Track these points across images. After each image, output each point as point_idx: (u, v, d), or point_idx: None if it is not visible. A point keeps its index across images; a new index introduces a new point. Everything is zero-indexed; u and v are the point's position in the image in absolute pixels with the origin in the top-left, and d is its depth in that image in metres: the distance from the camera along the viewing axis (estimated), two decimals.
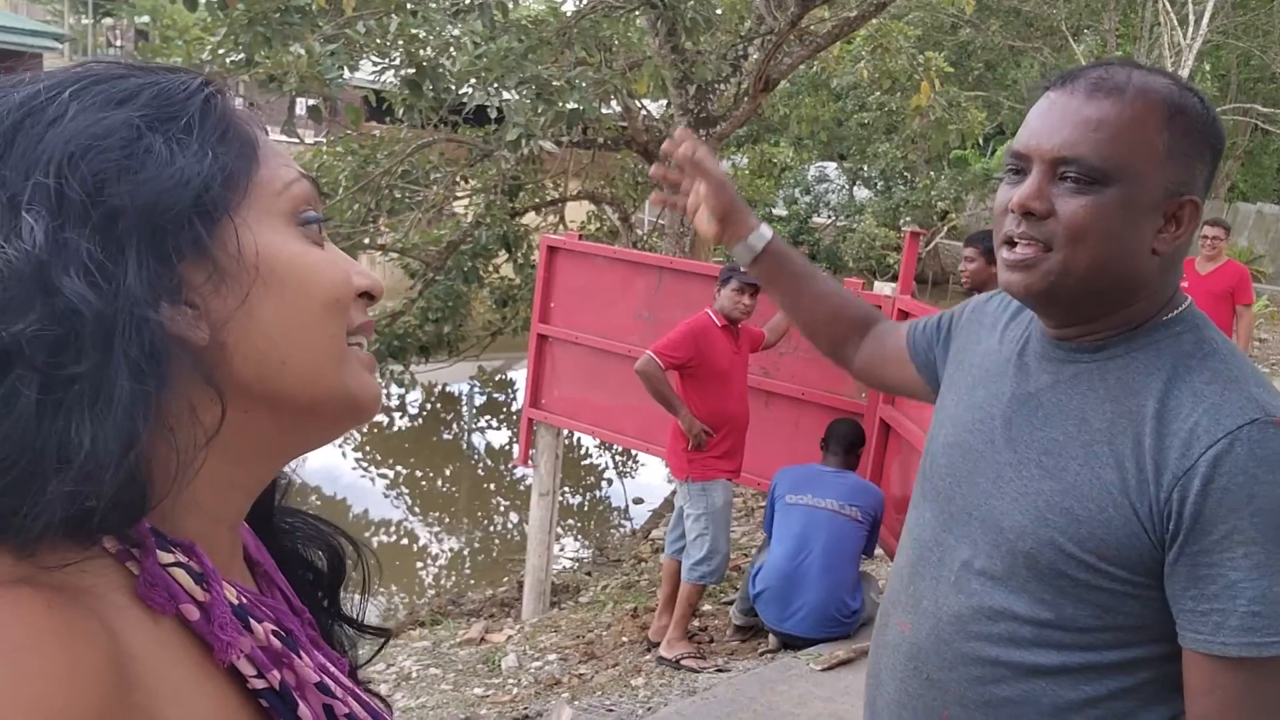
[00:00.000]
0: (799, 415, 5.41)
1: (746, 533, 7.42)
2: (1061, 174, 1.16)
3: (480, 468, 11.85)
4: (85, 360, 0.54)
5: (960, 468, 1.33)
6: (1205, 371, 1.16)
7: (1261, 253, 20.01)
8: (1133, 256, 1.18)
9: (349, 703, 0.68)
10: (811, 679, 4.10)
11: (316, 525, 0.84)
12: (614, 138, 9.50)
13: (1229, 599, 1.08)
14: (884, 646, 1.41)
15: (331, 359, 0.66)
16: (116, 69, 0.63)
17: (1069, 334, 1.26)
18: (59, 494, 0.53)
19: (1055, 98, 1.20)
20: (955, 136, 11.86)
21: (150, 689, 0.55)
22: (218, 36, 6.91)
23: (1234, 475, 1.08)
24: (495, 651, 5.77)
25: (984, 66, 19.63)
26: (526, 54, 7.00)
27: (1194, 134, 1.17)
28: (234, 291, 0.61)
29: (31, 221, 0.54)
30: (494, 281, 10.22)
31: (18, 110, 0.58)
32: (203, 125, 0.62)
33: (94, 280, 0.55)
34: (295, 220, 0.66)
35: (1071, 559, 1.17)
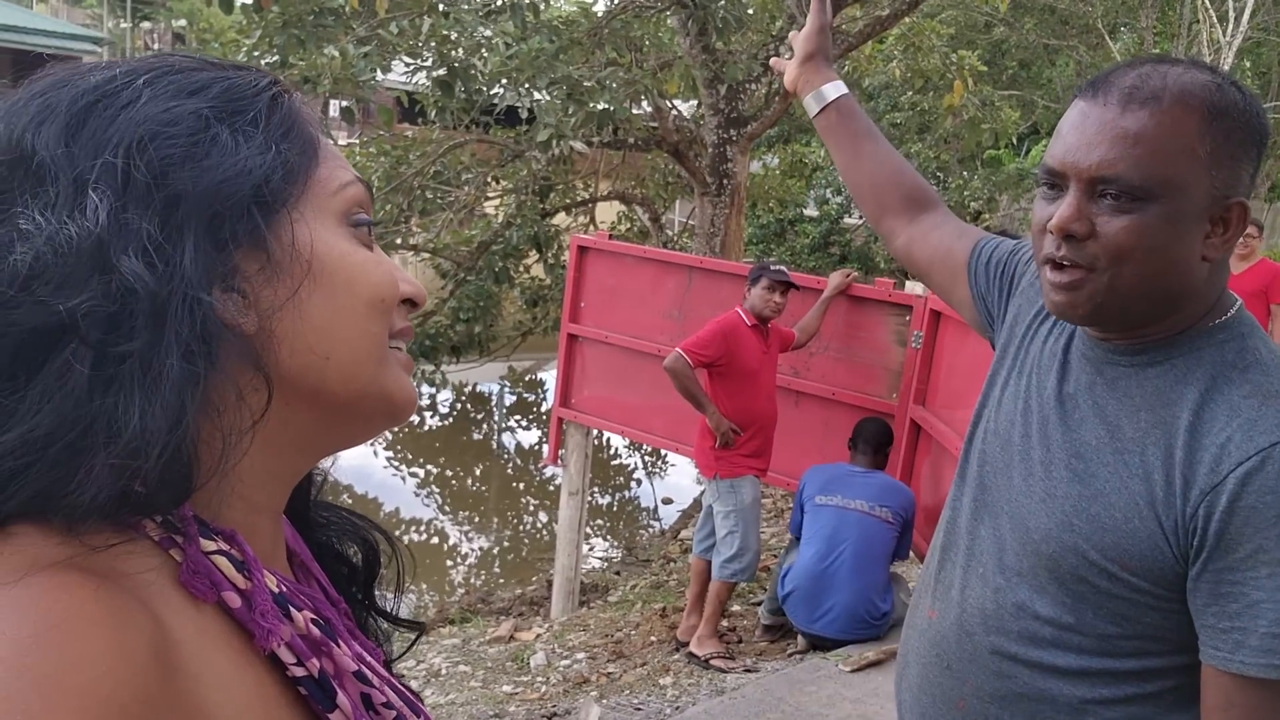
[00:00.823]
0: (829, 415, 5.39)
1: (776, 533, 7.40)
2: (1101, 192, 1.12)
3: (510, 467, 11.90)
4: (138, 338, 0.55)
5: (998, 458, 1.32)
6: (1245, 385, 1.13)
7: None
8: (1182, 267, 1.14)
9: (385, 692, 0.69)
10: (840, 680, 4.08)
11: (351, 520, 0.85)
12: (644, 138, 9.50)
13: (1250, 618, 1.07)
14: (914, 628, 1.42)
15: (373, 358, 0.67)
16: (191, 62, 0.65)
17: (1110, 337, 1.23)
18: (106, 469, 0.54)
19: (1088, 109, 1.15)
20: (989, 136, 11.76)
21: (193, 674, 0.55)
22: (252, 39, 6.98)
23: (1262, 494, 1.06)
24: (524, 649, 5.79)
25: (1018, 65, 19.46)
26: (558, 54, 7.02)
27: (1237, 133, 1.13)
28: (285, 283, 0.62)
29: (96, 200, 0.56)
30: (524, 282, 10.27)
31: (93, 93, 0.60)
32: (268, 121, 0.64)
33: (151, 261, 0.56)
34: (347, 221, 0.68)
35: (1094, 566, 1.16)
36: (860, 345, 5.27)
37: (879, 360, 5.22)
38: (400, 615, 0.86)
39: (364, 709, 0.67)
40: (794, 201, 18.44)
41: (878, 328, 5.20)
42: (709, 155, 9.48)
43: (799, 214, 20.03)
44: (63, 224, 0.55)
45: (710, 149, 9.45)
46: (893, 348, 5.15)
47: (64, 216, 0.56)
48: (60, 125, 0.58)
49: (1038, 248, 1.20)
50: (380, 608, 0.84)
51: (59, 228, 0.55)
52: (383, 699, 0.68)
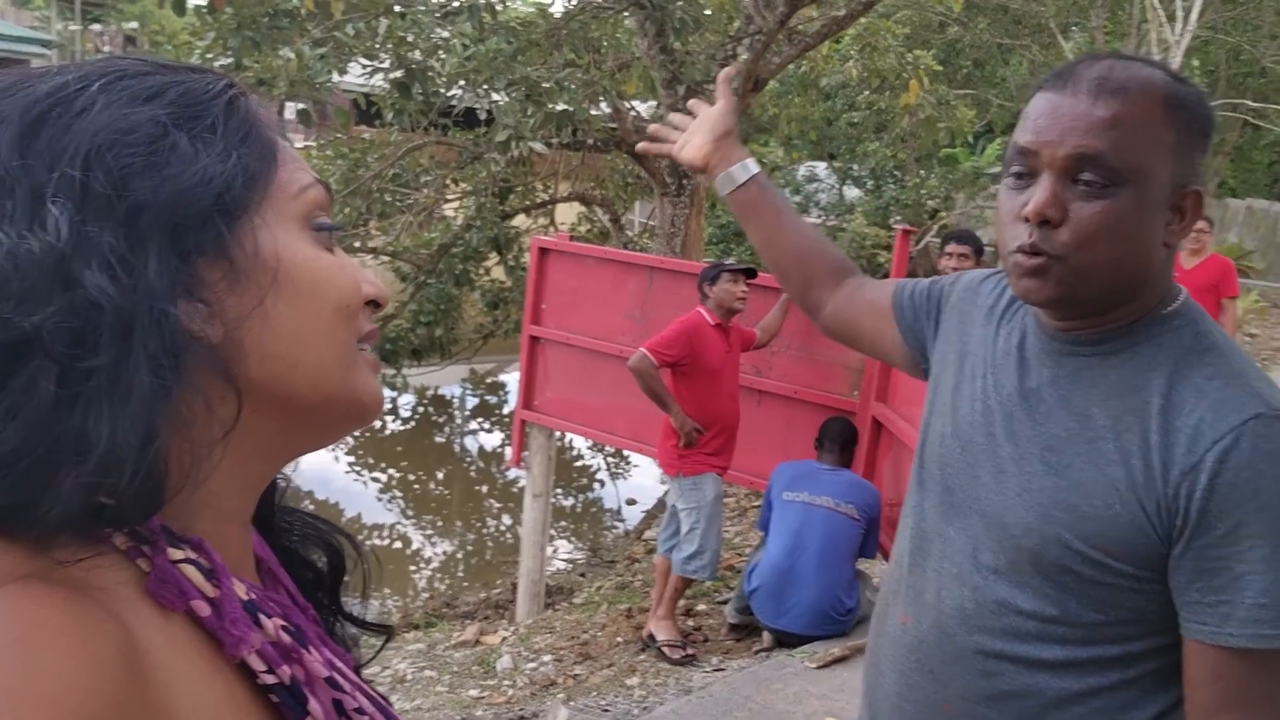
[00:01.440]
0: (792, 414, 5.42)
1: (740, 532, 7.42)
2: (1076, 177, 1.14)
3: (472, 470, 11.85)
4: (104, 353, 0.54)
5: (959, 460, 1.33)
6: (1206, 367, 1.16)
7: (1251, 248, 20.07)
8: (1145, 253, 1.17)
9: (357, 697, 0.69)
10: (807, 676, 4.11)
11: (315, 524, 0.84)
12: (603, 139, 9.50)
13: (1236, 591, 1.09)
14: (884, 637, 1.41)
15: (340, 363, 0.67)
16: (143, 65, 0.64)
17: (1070, 326, 1.25)
18: (77, 486, 0.53)
19: (1057, 99, 1.17)
20: (945, 135, 11.89)
21: (164, 684, 0.55)
22: (206, 41, 6.90)
23: (1240, 470, 1.09)
24: (490, 653, 5.76)
25: (972, 64, 19.66)
26: (515, 55, 7.00)
27: (1195, 124, 1.17)
28: (248, 290, 0.61)
29: (56, 213, 0.55)
30: (485, 284, 10.23)
31: (45, 100, 0.59)
32: (226, 125, 0.63)
33: (114, 274, 0.55)
34: (309, 225, 0.67)
35: (1078, 555, 1.18)
36: (821, 344, 5.30)
37: (840, 358, 5.26)
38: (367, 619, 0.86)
39: (336, 715, 0.66)
40: None
41: None
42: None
43: None
44: (22, 237, 0.54)
45: None
46: None
47: (23, 230, 0.54)
48: (13, 135, 0.57)
49: (1008, 238, 1.21)
50: (347, 612, 0.83)
51: (18, 242, 0.54)
52: (355, 705, 0.67)
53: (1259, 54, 18.99)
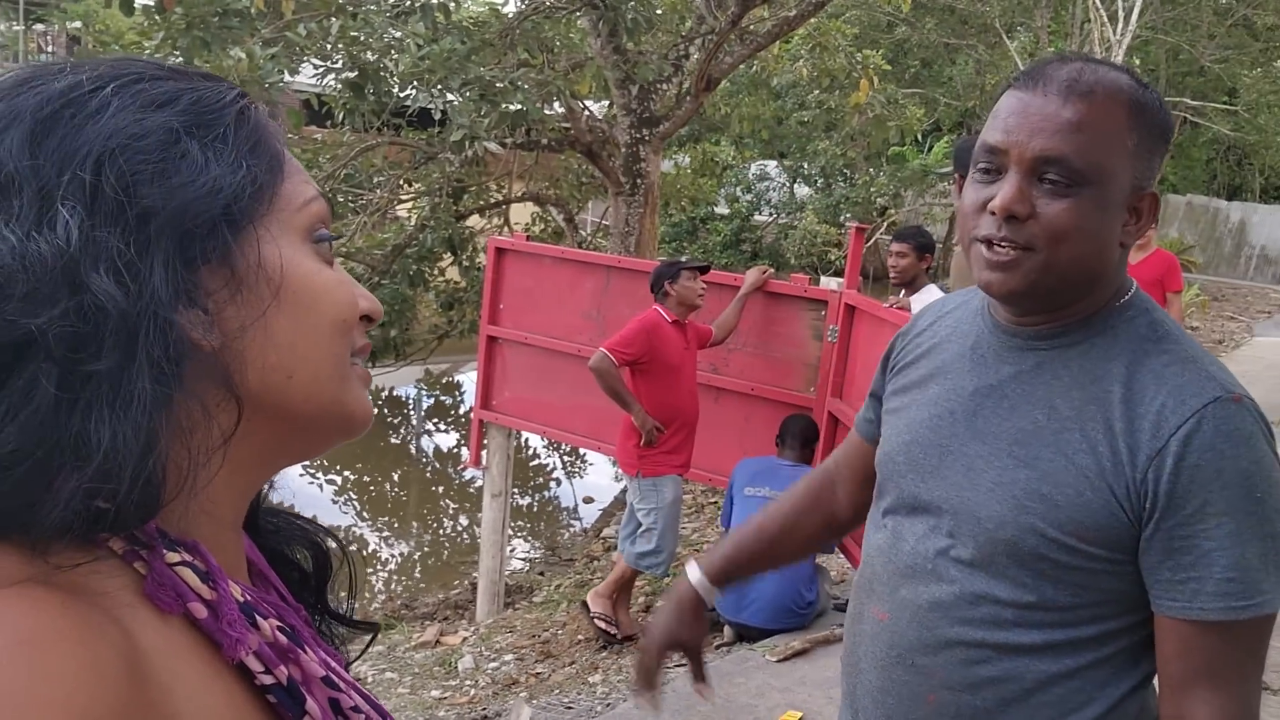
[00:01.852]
0: (749, 410, 5.47)
1: (697, 529, 7.47)
2: (1042, 175, 1.19)
3: (429, 471, 11.79)
4: (107, 358, 0.54)
5: (924, 463, 1.36)
6: (1163, 354, 1.22)
7: (1191, 243, 20.55)
8: (1105, 251, 1.22)
9: (353, 696, 0.70)
10: (768, 670, 4.15)
11: (299, 524, 0.85)
12: (558, 139, 9.51)
13: (1205, 567, 1.15)
14: (861, 636, 1.43)
15: (335, 376, 0.68)
16: (157, 70, 0.64)
17: (1027, 321, 1.29)
18: (76, 491, 0.54)
19: (1027, 98, 1.21)
20: (895, 133, 12.03)
21: (164, 685, 0.55)
22: (155, 40, 6.80)
23: (1203, 452, 1.14)
24: (451, 653, 5.76)
25: (920, 64, 19.90)
26: (470, 55, 6.99)
27: (1155, 129, 1.22)
28: (249, 300, 0.62)
29: (66, 215, 0.55)
30: (439, 285, 10.19)
31: (59, 99, 0.59)
32: (237, 135, 0.64)
33: (122, 279, 0.55)
34: (310, 238, 0.68)
35: (1053, 543, 1.22)
36: (777, 340, 5.36)
37: (796, 355, 5.32)
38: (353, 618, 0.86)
39: (333, 714, 0.67)
40: (705, 200, 18.61)
41: (794, 323, 5.30)
42: (622, 155, 9.52)
43: (710, 212, 20.22)
44: (31, 239, 0.54)
45: (623, 149, 9.49)
46: (809, 342, 5.25)
47: (32, 231, 0.54)
48: (25, 133, 0.57)
49: (971, 227, 1.26)
50: (334, 611, 0.84)
51: (27, 243, 0.54)
52: (351, 703, 0.69)
53: (1197, 53, 19.42)
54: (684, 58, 9.37)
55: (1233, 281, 19.92)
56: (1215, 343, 12.81)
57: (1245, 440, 1.15)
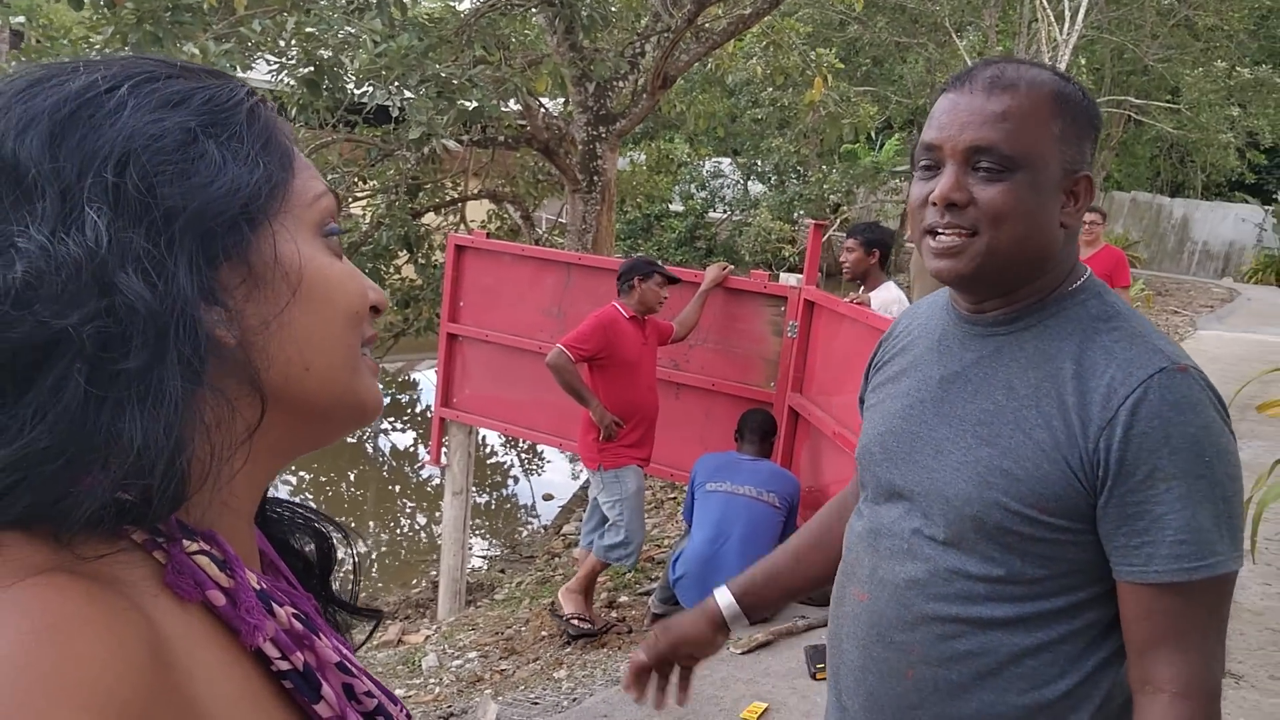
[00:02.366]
0: (710, 406, 5.52)
1: (656, 524, 7.50)
2: (975, 164, 1.27)
3: (386, 469, 11.72)
4: (135, 357, 0.56)
5: (897, 451, 1.43)
6: (1113, 331, 1.29)
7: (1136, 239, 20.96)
8: (1046, 231, 1.30)
9: (365, 681, 0.71)
10: (733, 662, 4.20)
11: (303, 513, 0.86)
12: (514, 136, 9.49)
13: (1157, 531, 1.21)
14: (843, 616, 1.49)
15: (348, 367, 0.69)
16: (168, 68, 0.65)
17: (986, 308, 1.37)
18: (106, 487, 0.55)
19: (956, 97, 1.31)
20: (849, 131, 12.15)
21: (185, 670, 0.57)
22: (105, 35, 6.69)
23: (1150, 420, 1.20)
24: (414, 652, 5.74)
25: (871, 62, 20.09)
26: (426, 52, 6.96)
27: (1080, 116, 1.31)
28: (266, 296, 0.63)
29: (95, 216, 0.56)
30: (395, 283, 10.11)
31: (75, 100, 0.59)
32: (249, 132, 0.65)
33: (150, 279, 0.57)
34: (321, 232, 0.69)
35: (1016, 515, 1.28)
36: (738, 336, 5.41)
37: (756, 350, 5.37)
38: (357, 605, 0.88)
39: (346, 699, 0.69)
40: (660, 197, 18.65)
41: (754, 319, 5.35)
42: (579, 152, 9.53)
43: (665, 209, 20.28)
44: (60, 240, 0.55)
45: (580, 146, 9.50)
46: (769, 338, 5.31)
47: (61, 233, 0.55)
48: (44, 134, 0.58)
49: (917, 221, 1.35)
50: (339, 598, 0.85)
51: (55, 244, 0.55)
52: (364, 688, 0.70)
53: (1141, 53, 19.78)
54: (640, 55, 9.39)
55: (1176, 276, 20.34)
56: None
57: (1192, 407, 1.21)
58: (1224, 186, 23.80)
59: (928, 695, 1.36)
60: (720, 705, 3.80)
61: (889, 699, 1.40)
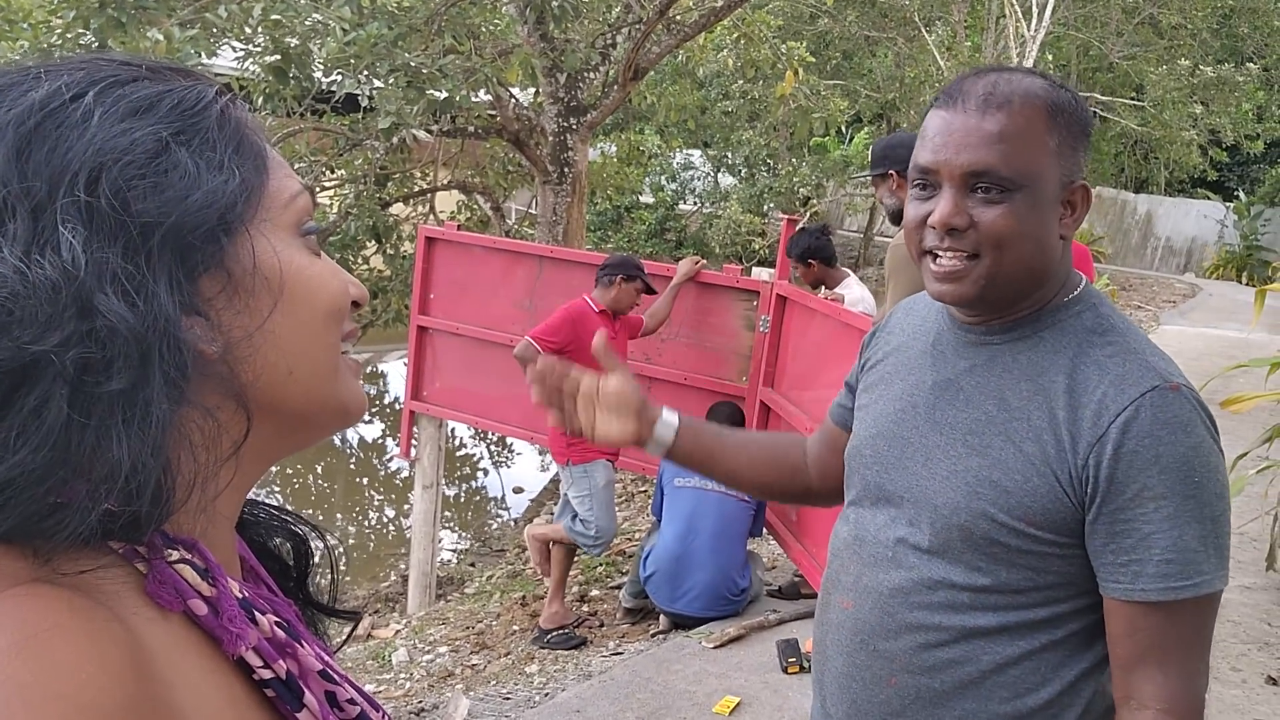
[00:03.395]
0: (682, 400, 5.50)
1: (628, 517, 7.49)
2: (974, 186, 1.26)
3: (353, 461, 11.63)
4: (118, 379, 0.54)
5: (887, 455, 1.42)
6: (1107, 346, 1.28)
7: (1101, 234, 21.16)
8: (1047, 247, 1.29)
9: (347, 688, 0.70)
10: (705, 657, 4.20)
11: (279, 515, 0.85)
12: (484, 126, 9.44)
13: (1144, 550, 1.21)
14: (828, 624, 1.48)
15: (330, 369, 0.68)
16: (131, 70, 0.63)
17: (981, 318, 1.36)
18: (91, 507, 0.54)
19: (949, 116, 1.28)
20: (819, 124, 12.17)
21: (167, 681, 0.56)
22: (66, 19, 6.57)
23: (1141, 439, 1.20)
24: (384, 647, 5.70)
25: (841, 56, 20.13)
26: (396, 41, 6.88)
27: (1074, 126, 1.29)
28: (246, 302, 0.62)
29: (69, 236, 0.54)
30: (363, 274, 10.04)
31: (39, 112, 0.58)
32: (221, 136, 0.63)
33: (131, 300, 0.55)
34: (299, 231, 0.68)
35: (1003, 527, 1.28)
36: (710, 330, 5.40)
37: (728, 345, 5.37)
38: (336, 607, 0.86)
39: (329, 706, 0.68)
40: (631, 189, 18.62)
41: (726, 313, 5.35)
42: (550, 144, 9.49)
43: (635, 201, 20.25)
44: (34, 262, 0.54)
45: (551, 137, 9.46)
46: (741, 332, 5.30)
47: (36, 254, 0.54)
48: (9, 150, 0.56)
49: (915, 240, 1.33)
50: (317, 601, 0.84)
51: (30, 266, 0.53)
52: (346, 696, 0.70)
53: (1106, 50, 19.97)
54: (611, 46, 9.36)
55: (1140, 272, 20.57)
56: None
57: (1182, 427, 1.20)
58: (1187, 183, 24.08)
59: (910, 703, 1.36)
60: (693, 699, 3.80)
61: (872, 706, 1.40)
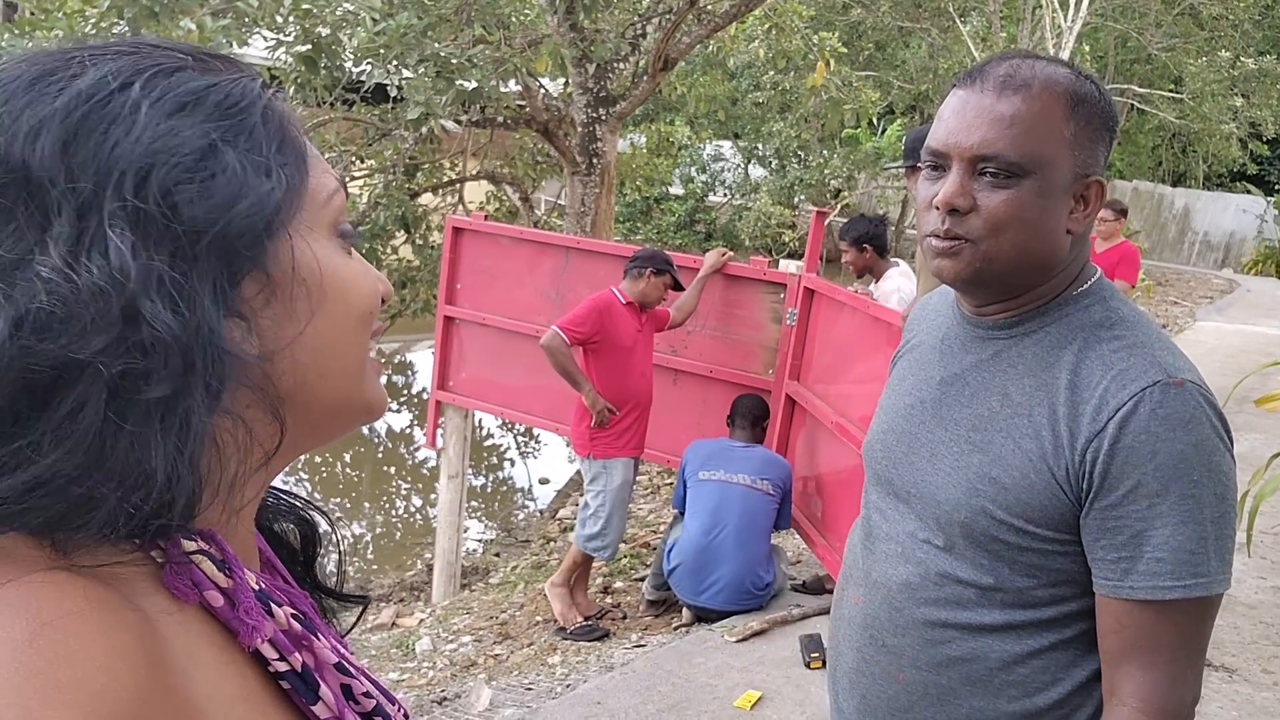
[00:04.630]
0: (707, 392, 5.48)
1: (654, 510, 7.49)
2: (981, 170, 1.24)
3: (380, 450, 11.69)
4: (159, 387, 0.54)
5: (896, 450, 1.42)
6: (1114, 340, 1.26)
7: (1137, 228, 20.90)
8: (1050, 238, 1.26)
9: (363, 681, 0.70)
10: (727, 650, 4.18)
11: (286, 499, 0.84)
12: (513, 117, 9.43)
13: (1136, 547, 1.19)
14: (841, 619, 1.49)
15: (358, 369, 0.68)
16: (174, 57, 0.62)
17: (988, 311, 1.35)
18: (121, 510, 0.54)
19: (966, 96, 1.26)
20: (850, 116, 12.08)
21: (182, 671, 0.56)
22: (100, 8, 6.62)
23: (1137, 434, 1.18)
24: (408, 635, 5.73)
25: (874, 47, 19.98)
26: (426, 31, 6.89)
27: (1095, 119, 1.26)
28: (284, 306, 0.61)
29: (117, 240, 0.53)
30: (392, 263, 10.07)
31: (86, 103, 0.56)
32: (266, 133, 0.62)
33: (177, 307, 0.54)
34: (335, 231, 0.67)
35: (1003, 524, 1.26)
36: (736, 323, 5.37)
37: (755, 337, 5.33)
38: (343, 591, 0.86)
39: (345, 700, 0.68)
40: (660, 180, 18.58)
41: (753, 305, 5.31)
42: (579, 134, 9.47)
43: (665, 192, 20.22)
44: (84, 267, 0.53)
45: (580, 128, 9.44)
46: (768, 325, 5.27)
47: (83, 257, 0.53)
48: (56, 141, 0.55)
49: (924, 222, 1.32)
50: (325, 585, 0.84)
51: (80, 271, 0.52)
52: (363, 689, 0.69)
53: (1145, 41, 19.70)
54: (641, 36, 9.32)
55: (1176, 267, 20.32)
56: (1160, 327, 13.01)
57: (1184, 423, 1.17)
58: (1225, 177, 23.75)
59: (918, 699, 1.36)
60: (714, 693, 3.78)
61: (880, 702, 1.40)
